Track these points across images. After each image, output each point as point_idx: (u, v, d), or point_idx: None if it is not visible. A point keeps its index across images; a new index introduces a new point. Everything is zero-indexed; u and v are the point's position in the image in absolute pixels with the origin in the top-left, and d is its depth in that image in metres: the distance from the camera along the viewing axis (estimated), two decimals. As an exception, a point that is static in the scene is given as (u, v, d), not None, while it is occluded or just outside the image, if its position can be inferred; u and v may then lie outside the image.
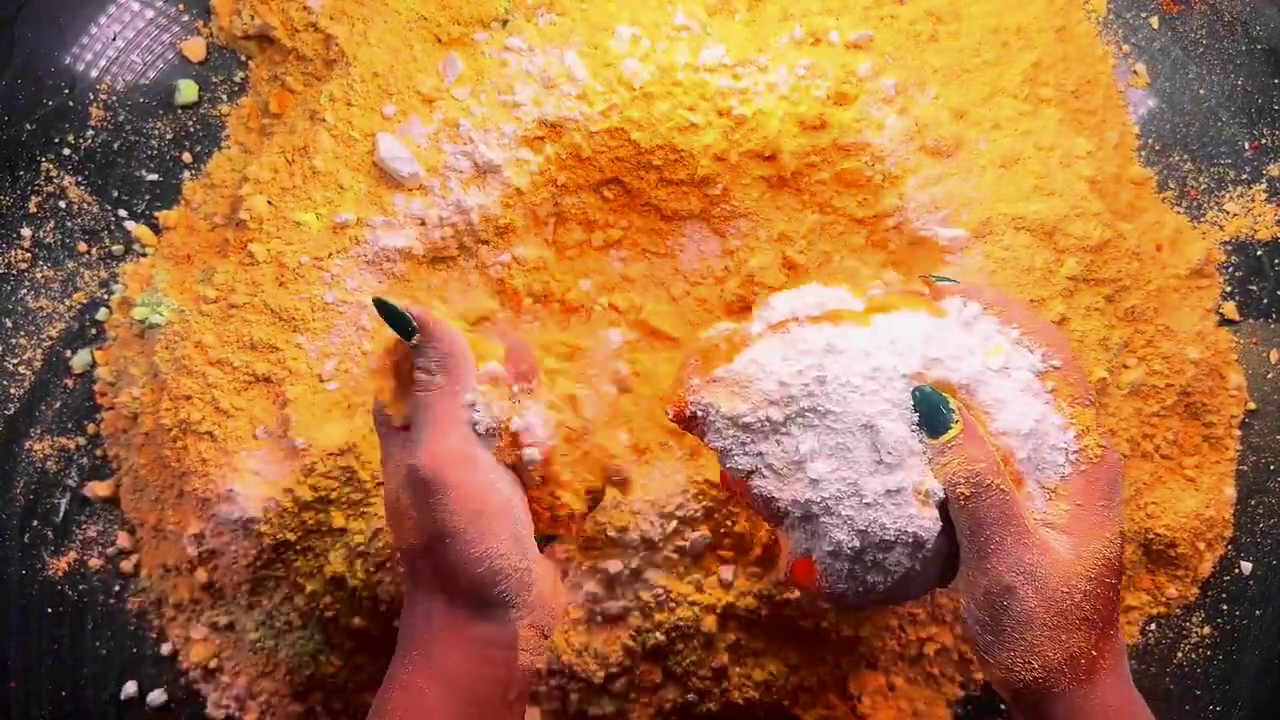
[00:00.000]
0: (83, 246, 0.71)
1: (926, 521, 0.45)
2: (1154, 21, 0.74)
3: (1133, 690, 0.47)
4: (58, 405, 0.71)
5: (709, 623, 0.64)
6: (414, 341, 0.48)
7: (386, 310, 0.48)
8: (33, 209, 0.71)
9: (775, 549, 0.63)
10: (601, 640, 0.64)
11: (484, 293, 0.65)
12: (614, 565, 0.63)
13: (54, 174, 0.71)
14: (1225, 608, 0.71)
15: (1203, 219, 0.73)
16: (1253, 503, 0.72)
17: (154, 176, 0.72)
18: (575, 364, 0.58)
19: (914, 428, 0.46)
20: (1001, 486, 0.45)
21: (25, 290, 0.71)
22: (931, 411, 0.45)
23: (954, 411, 0.45)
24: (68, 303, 0.71)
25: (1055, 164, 0.65)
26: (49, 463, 0.70)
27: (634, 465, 0.63)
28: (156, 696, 0.69)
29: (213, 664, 0.69)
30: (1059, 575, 0.44)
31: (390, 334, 0.49)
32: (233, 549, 0.64)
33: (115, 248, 0.71)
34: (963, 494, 0.45)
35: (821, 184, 0.64)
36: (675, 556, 0.63)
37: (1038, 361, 0.47)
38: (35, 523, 0.70)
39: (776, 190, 0.64)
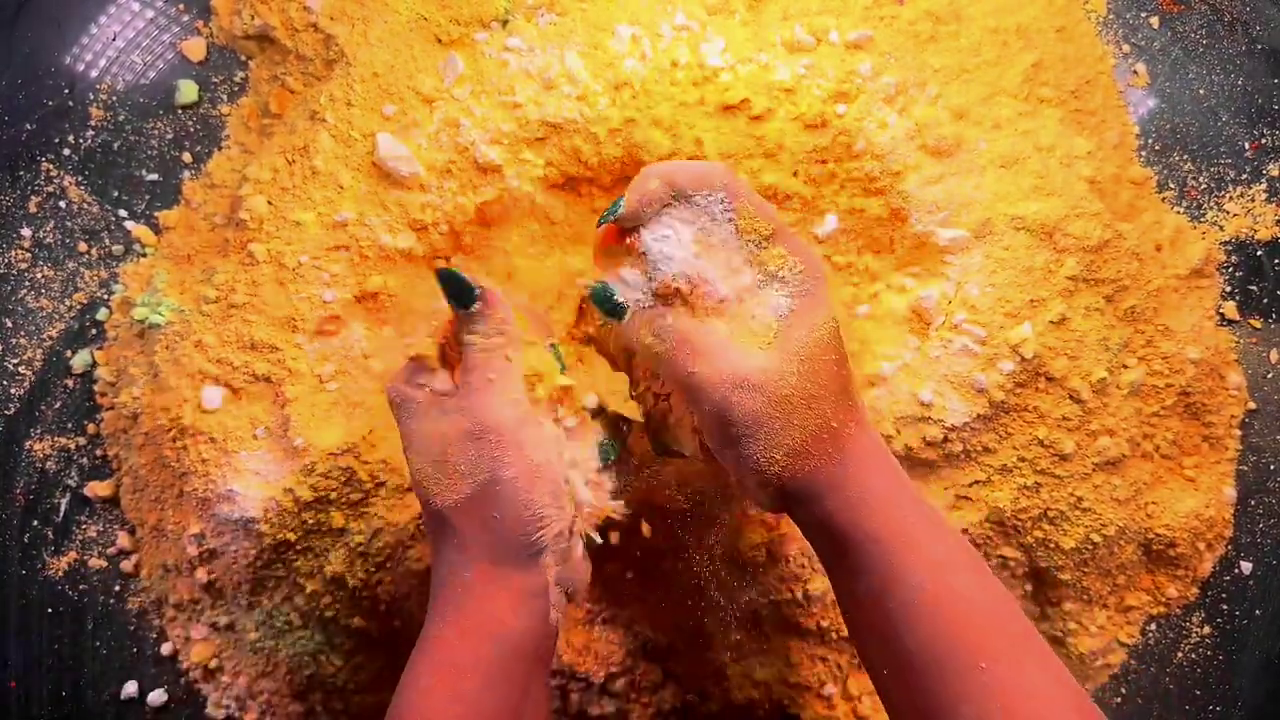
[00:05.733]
0: (83, 246, 0.71)
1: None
2: (1154, 21, 0.74)
3: (879, 441, 0.50)
4: (58, 405, 0.71)
5: (709, 622, 0.64)
6: (473, 310, 0.50)
7: (451, 280, 0.50)
8: (33, 209, 0.71)
9: (775, 538, 0.63)
10: (602, 640, 0.64)
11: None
12: (613, 565, 0.63)
13: (54, 174, 0.71)
14: (1225, 608, 0.71)
15: (1203, 219, 0.73)
16: (1252, 503, 0.72)
17: (154, 176, 0.72)
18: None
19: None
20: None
21: (25, 290, 0.71)
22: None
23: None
24: (68, 303, 0.71)
25: (1055, 164, 0.65)
26: (49, 463, 0.70)
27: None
28: (156, 696, 0.69)
29: (213, 664, 0.69)
30: (763, 370, 0.48)
31: (444, 304, 0.51)
32: (233, 549, 0.64)
33: (115, 248, 0.71)
34: (655, 347, 0.49)
35: (821, 183, 0.64)
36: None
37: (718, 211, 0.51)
38: (35, 523, 0.70)
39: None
